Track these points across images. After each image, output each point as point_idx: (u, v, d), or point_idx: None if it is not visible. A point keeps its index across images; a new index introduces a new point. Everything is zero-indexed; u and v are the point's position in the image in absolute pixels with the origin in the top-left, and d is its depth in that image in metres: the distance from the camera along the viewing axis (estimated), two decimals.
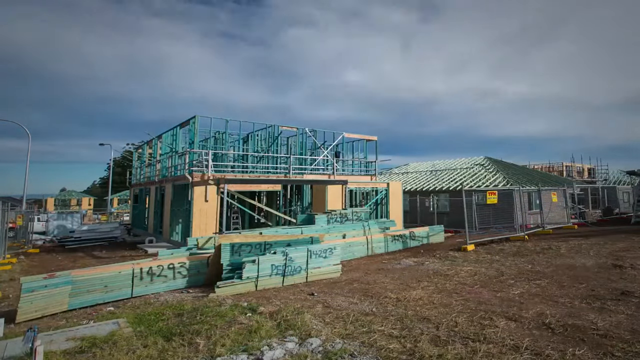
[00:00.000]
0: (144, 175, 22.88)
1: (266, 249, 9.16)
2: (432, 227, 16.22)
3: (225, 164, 17.41)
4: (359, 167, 21.60)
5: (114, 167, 48.22)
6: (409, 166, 34.99)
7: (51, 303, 6.89)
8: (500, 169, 25.66)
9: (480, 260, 10.82)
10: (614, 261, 9.70)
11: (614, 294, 6.78)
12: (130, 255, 13.86)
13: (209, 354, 4.52)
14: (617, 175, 38.36)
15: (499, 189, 17.25)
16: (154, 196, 19.59)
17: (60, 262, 12.99)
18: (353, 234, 13.91)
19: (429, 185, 25.58)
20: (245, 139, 19.41)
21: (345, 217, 15.27)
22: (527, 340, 4.73)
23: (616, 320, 5.42)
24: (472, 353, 4.37)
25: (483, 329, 5.16)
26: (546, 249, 12.07)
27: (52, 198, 58.64)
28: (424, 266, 10.23)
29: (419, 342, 4.71)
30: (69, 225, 21.21)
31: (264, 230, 13.37)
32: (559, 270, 9.03)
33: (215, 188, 14.29)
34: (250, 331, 5.20)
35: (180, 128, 17.39)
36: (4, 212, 13.33)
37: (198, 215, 13.80)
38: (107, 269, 7.94)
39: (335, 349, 4.55)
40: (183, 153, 16.52)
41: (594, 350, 4.43)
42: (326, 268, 9.26)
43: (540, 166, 37.94)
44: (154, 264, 8.40)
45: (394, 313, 6.00)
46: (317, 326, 5.40)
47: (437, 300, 6.75)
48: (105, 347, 4.81)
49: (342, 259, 10.78)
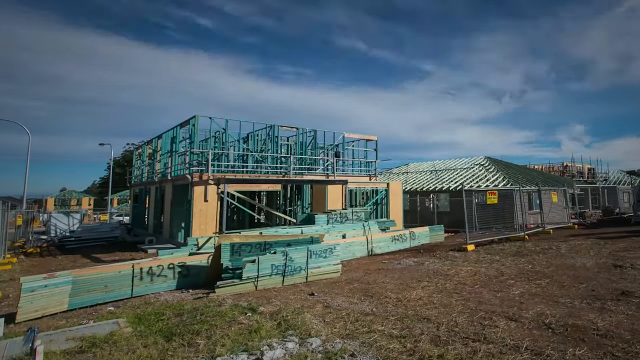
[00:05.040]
0: (144, 175, 22.88)
1: (266, 249, 9.15)
2: (432, 227, 16.23)
3: (225, 163, 17.41)
4: (359, 167, 21.61)
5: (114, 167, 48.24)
6: (409, 166, 34.98)
7: (51, 303, 6.88)
8: (500, 168, 25.66)
9: (481, 260, 10.82)
10: (614, 261, 9.70)
11: (614, 294, 6.78)
12: (130, 255, 13.86)
13: (209, 354, 4.52)
14: (617, 175, 38.39)
15: (499, 189, 17.25)
16: (154, 196, 19.59)
17: (60, 262, 12.99)
18: (353, 234, 13.91)
19: (429, 185, 25.58)
20: (245, 138, 19.41)
21: (345, 217, 15.27)
22: (527, 340, 4.73)
23: (616, 320, 5.41)
24: (472, 353, 4.36)
25: (483, 329, 5.16)
26: (546, 249, 12.07)
27: (52, 198, 58.69)
28: (424, 266, 10.23)
29: (419, 342, 4.71)
30: (69, 225, 21.18)
31: (264, 230, 13.37)
32: (559, 270, 9.03)
33: (215, 188, 14.29)
34: (251, 331, 5.20)
35: (180, 128, 17.39)
36: (4, 212, 13.33)
37: (198, 215, 13.80)
38: (107, 269, 7.93)
39: (336, 348, 4.55)
40: (183, 153, 16.53)
41: (594, 350, 4.43)
42: (326, 268, 9.26)
43: (540, 166, 37.94)
44: (154, 263, 8.40)
45: (394, 313, 6.00)
46: (317, 326, 5.40)
47: (437, 300, 6.75)
48: (105, 347, 4.81)
49: (342, 259, 10.78)
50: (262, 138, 19.54)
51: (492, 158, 29.51)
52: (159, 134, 20.19)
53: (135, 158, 26.71)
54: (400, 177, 30.24)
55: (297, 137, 19.46)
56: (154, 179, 19.93)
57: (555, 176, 31.36)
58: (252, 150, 19.03)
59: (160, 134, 20.02)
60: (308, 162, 19.21)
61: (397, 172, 33.22)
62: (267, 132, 18.60)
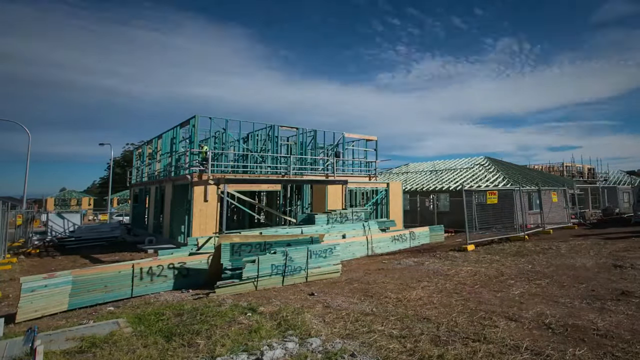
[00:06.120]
0: (144, 175, 22.89)
1: (266, 249, 9.15)
2: (432, 227, 16.23)
3: (225, 163, 17.41)
4: (359, 167, 21.61)
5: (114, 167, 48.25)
6: (409, 166, 34.98)
7: (51, 303, 6.89)
8: (500, 169, 25.66)
9: (481, 260, 10.82)
10: (614, 261, 9.69)
11: (614, 294, 6.77)
12: (130, 255, 13.86)
13: (209, 354, 4.51)
14: (617, 175, 38.38)
15: (499, 189, 17.25)
16: (154, 196, 19.60)
17: (60, 262, 12.99)
18: (353, 234, 13.91)
19: (429, 185, 25.58)
20: (245, 138, 19.42)
21: (345, 217, 15.27)
22: (527, 340, 4.73)
23: (616, 320, 5.41)
24: (472, 353, 4.36)
25: (483, 329, 5.16)
26: (546, 249, 12.07)
27: (52, 198, 58.67)
28: (424, 266, 10.23)
29: (419, 342, 4.71)
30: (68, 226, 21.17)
31: (264, 230, 13.37)
32: (559, 270, 9.03)
33: (215, 188, 14.28)
34: (251, 331, 5.20)
35: (180, 128, 17.38)
36: (4, 212, 13.33)
37: (198, 215, 13.79)
38: (107, 269, 7.93)
39: (336, 348, 4.55)
40: (183, 153, 16.53)
41: (594, 350, 4.43)
42: (326, 268, 9.26)
43: (540, 166, 37.94)
44: (154, 263, 8.40)
45: (394, 313, 5.99)
46: (317, 326, 5.40)
47: (437, 300, 6.74)
48: (105, 347, 4.81)
49: (342, 259, 10.78)
50: (262, 138, 19.55)
51: (492, 158, 29.54)
52: (159, 134, 20.21)
53: (135, 158, 26.71)
54: (400, 177, 30.24)
55: (297, 137, 19.46)
56: (154, 179, 19.93)
57: (555, 176, 31.35)
58: (252, 150, 19.03)
59: (160, 134, 20.02)
60: (308, 162, 19.21)
61: (397, 172, 33.23)
62: (267, 132, 18.60)
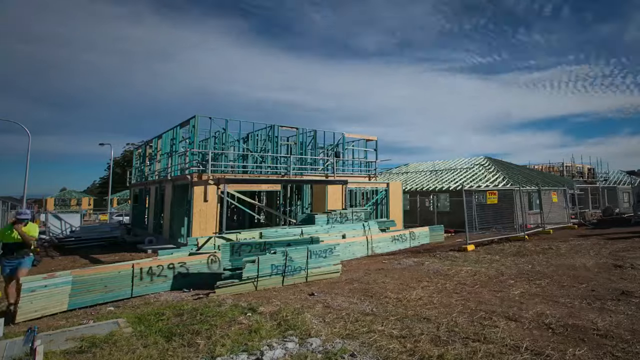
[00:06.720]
0: (144, 175, 22.88)
1: (266, 249, 9.16)
2: (432, 227, 16.22)
3: (225, 163, 17.41)
4: (359, 167, 21.60)
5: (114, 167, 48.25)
6: (409, 166, 34.98)
7: (51, 303, 6.88)
8: (500, 169, 25.65)
9: (481, 260, 10.82)
10: (614, 261, 9.70)
11: (614, 294, 6.77)
12: (130, 255, 13.85)
13: (209, 354, 4.51)
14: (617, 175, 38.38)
15: (499, 189, 17.26)
16: (154, 196, 19.58)
17: (60, 262, 12.98)
18: (353, 234, 13.90)
19: (429, 185, 25.57)
20: (245, 138, 19.42)
21: (345, 217, 15.28)
22: (527, 340, 4.73)
23: (616, 320, 5.41)
24: (472, 353, 4.36)
25: (483, 329, 5.15)
26: (546, 249, 12.07)
27: (52, 198, 58.70)
28: (424, 266, 10.23)
29: (419, 342, 4.71)
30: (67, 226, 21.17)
31: (264, 230, 13.37)
32: (559, 270, 9.03)
33: (215, 188, 14.28)
34: (251, 331, 5.20)
35: (180, 128, 17.38)
36: (4, 212, 13.34)
37: (198, 215, 13.79)
38: (107, 269, 7.93)
39: (336, 348, 4.55)
40: (183, 153, 16.53)
41: (594, 350, 4.43)
42: (326, 268, 9.25)
43: (540, 166, 37.92)
44: (154, 263, 8.40)
45: (394, 313, 5.99)
46: (317, 326, 5.40)
47: (437, 300, 6.74)
48: (105, 347, 4.81)
49: (342, 259, 10.78)
50: (262, 138, 19.55)
51: (492, 158, 29.52)
52: (159, 134, 20.21)
53: (136, 158, 26.70)
54: (400, 177, 30.24)
55: (297, 137, 19.46)
56: (154, 179, 19.93)
57: (555, 176, 31.34)
58: (252, 150, 19.03)
59: (160, 134, 20.02)
60: (308, 162, 19.21)
61: (397, 172, 33.22)
62: (267, 132, 18.61)
